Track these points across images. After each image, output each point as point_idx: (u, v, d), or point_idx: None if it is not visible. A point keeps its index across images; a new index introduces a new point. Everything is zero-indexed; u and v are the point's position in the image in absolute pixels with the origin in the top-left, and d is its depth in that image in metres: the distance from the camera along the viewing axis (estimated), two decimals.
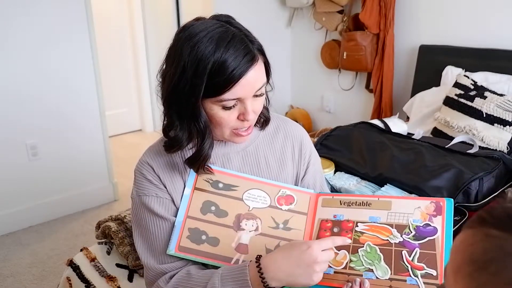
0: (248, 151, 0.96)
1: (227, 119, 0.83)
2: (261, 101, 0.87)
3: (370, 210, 0.89)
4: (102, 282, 1.29)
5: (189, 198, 0.89)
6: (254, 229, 0.88)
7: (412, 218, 0.85)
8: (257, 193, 0.92)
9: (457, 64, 2.20)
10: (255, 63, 0.80)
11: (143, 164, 0.92)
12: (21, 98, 2.36)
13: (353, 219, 0.89)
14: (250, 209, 0.90)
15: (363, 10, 2.49)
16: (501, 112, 1.78)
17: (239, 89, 0.79)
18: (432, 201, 0.87)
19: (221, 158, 0.94)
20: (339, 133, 1.76)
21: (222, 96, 0.79)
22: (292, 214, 0.91)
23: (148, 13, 3.86)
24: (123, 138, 4.02)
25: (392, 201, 0.89)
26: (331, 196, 0.94)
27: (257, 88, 0.82)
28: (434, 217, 0.85)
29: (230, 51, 0.77)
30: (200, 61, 0.77)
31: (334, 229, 0.89)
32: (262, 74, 0.84)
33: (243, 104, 0.82)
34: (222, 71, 0.77)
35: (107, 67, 3.46)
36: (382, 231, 0.86)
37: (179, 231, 0.86)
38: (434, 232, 0.83)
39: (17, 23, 2.27)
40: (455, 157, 1.47)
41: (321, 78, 3.13)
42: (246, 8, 2.96)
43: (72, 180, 2.66)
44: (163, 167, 0.91)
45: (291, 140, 1.01)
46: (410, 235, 0.84)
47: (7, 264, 2.21)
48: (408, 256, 0.81)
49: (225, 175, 0.92)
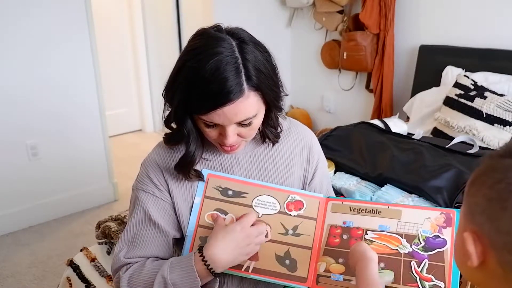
0: (256, 152, 0.96)
1: (209, 134, 0.86)
2: (250, 129, 0.85)
3: (380, 219, 0.89)
4: (102, 282, 1.29)
5: (200, 207, 0.89)
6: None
7: (422, 228, 0.85)
8: (267, 199, 0.92)
9: (457, 64, 2.20)
10: (241, 96, 0.78)
11: (152, 162, 0.93)
12: (21, 98, 2.36)
13: (362, 227, 0.89)
14: (259, 216, 0.90)
15: (363, 10, 2.49)
16: (501, 112, 1.78)
17: (214, 116, 0.80)
18: (442, 212, 0.87)
19: (230, 159, 0.94)
20: (339, 133, 1.76)
21: (200, 115, 0.82)
22: (301, 219, 0.91)
23: (148, 13, 3.86)
24: (123, 138, 4.02)
25: (402, 210, 0.89)
26: (341, 202, 0.93)
27: (238, 120, 0.81)
28: (444, 228, 0.84)
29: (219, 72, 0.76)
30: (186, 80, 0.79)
31: (344, 236, 0.89)
32: (249, 108, 0.81)
33: (223, 128, 0.83)
34: (202, 91, 0.78)
35: (107, 67, 3.46)
36: (391, 241, 0.86)
37: (190, 240, 0.87)
38: (443, 244, 0.83)
39: (17, 23, 2.27)
40: (455, 157, 1.47)
41: (321, 78, 3.13)
42: (246, 8, 2.96)
43: (72, 180, 2.66)
44: (171, 166, 0.91)
45: (301, 144, 1.01)
46: (420, 246, 0.84)
47: (7, 264, 2.21)
48: (417, 267, 0.82)
49: (233, 182, 0.92)
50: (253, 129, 0.87)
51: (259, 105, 0.84)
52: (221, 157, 0.94)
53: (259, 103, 0.84)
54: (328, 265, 0.87)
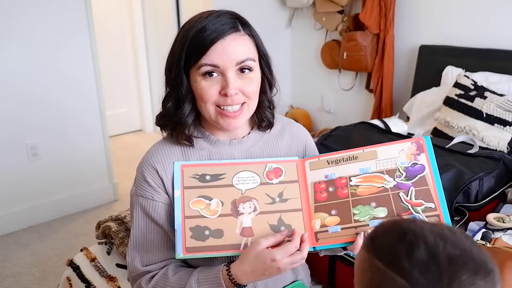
0: (252, 151, 0.96)
1: (207, 91, 0.84)
2: (250, 81, 0.86)
3: (359, 163, 0.92)
4: (102, 282, 1.29)
5: (181, 199, 0.89)
6: (252, 210, 0.89)
7: (400, 160, 0.90)
8: (246, 175, 0.92)
9: (457, 64, 2.20)
10: (236, 32, 0.83)
11: (147, 165, 0.92)
12: (21, 98, 2.37)
13: (345, 175, 0.91)
14: (243, 192, 0.90)
15: (363, 10, 2.49)
16: (501, 112, 1.78)
17: (214, 54, 0.81)
18: (412, 141, 0.91)
19: (225, 158, 0.94)
20: (339, 133, 1.76)
21: (200, 61, 0.82)
22: (284, 185, 0.92)
23: (148, 13, 3.86)
24: (123, 138, 4.02)
25: (377, 149, 0.92)
26: (317, 158, 0.95)
27: (238, 59, 0.83)
28: (418, 155, 0.90)
29: (212, 20, 0.82)
30: (186, 31, 0.84)
31: (329, 189, 0.91)
32: (246, 47, 0.85)
33: (224, 76, 0.83)
34: (200, 35, 0.81)
35: (107, 67, 3.46)
36: (375, 180, 0.89)
37: (181, 234, 0.86)
38: (422, 170, 0.88)
39: (18, 23, 2.27)
40: (455, 157, 1.47)
41: (321, 78, 3.13)
42: (246, 8, 2.93)
43: (72, 180, 2.66)
44: (167, 167, 0.91)
45: (296, 142, 1.02)
46: (402, 177, 0.88)
47: (7, 264, 2.21)
48: (406, 196, 0.87)
49: (209, 166, 0.92)
50: (254, 84, 0.87)
51: (255, 54, 0.87)
52: (217, 156, 0.93)
53: (255, 52, 0.87)
54: (323, 220, 0.88)
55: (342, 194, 0.89)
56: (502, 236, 1.16)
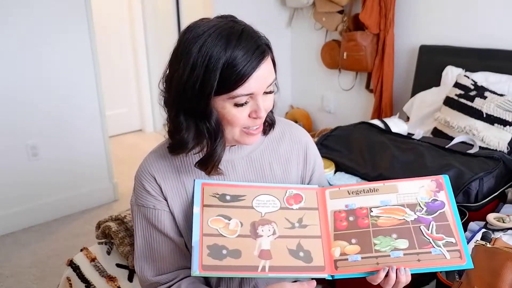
0: (252, 157, 0.95)
1: (239, 117, 0.82)
2: (271, 98, 0.86)
3: (379, 195, 0.92)
4: (102, 282, 1.29)
5: (200, 216, 0.88)
6: (271, 233, 0.88)
7: (420, 196, 0.92)
8: (266, 198, 0.92)
9: (457, 64, 2.20)
10: (266, 56, 0.80)
11: (144, 173, 0.90)
12: (21, 98, 2.37)
13: (365, 206, 0.91)
14: (262, 215, 0.90)
15: (363, 10, 2.49)
16: (501, 112, 1.78)
17: (252, 84, 0.78)
18: (432, 179, 0.94)
19: (225, 164, 0.92)
20: (339, 133, 1.76)
21: (235, 91, 0.78)
22: (304, 211, 0.92)
23: (148, 14, 3.86)
24: (123, 138, 4.02)
25: (398, 184, 0.94)
26: (338, 188, 0.95)
27: (269, 83, 0.82)
28: (438, 192, 0.92)
29: (241, 45, 0.76)
30: (211, 57, 0.76)
31: (350, 218, 0.91)
32: (272, 69, 0.83)
33: (255, 100, 0.81)
34: (234, 66, 0.76)
35: (107, 67, 3.46)
36: (396, 212, 0.90)
37: (198, 251, 0.85)
38: (442, 206, 0.90)
39: (17, 23, 2.27)
40: (455, 157, 1.47)
41: (321, 78, 3.13)
42: (246, 8, 2.96)
43: (72, 180, 2.66)
44: (165, 174, 0.90)
45: (297, 146, 1.01)
46: (423, 211, 0.90)
47: (7, 264, 2.21)
48: (427, 230, 0.87)
49: (229, 187, 0.92)
50: (272, 100, 0.87)
51: (272, 67, 0.85)
52: None
53: (272, 63, 0.84)
54: (343, 248, 0.87)
55: (363, 224, 0.89)
56: (502, 236, 1.16)
